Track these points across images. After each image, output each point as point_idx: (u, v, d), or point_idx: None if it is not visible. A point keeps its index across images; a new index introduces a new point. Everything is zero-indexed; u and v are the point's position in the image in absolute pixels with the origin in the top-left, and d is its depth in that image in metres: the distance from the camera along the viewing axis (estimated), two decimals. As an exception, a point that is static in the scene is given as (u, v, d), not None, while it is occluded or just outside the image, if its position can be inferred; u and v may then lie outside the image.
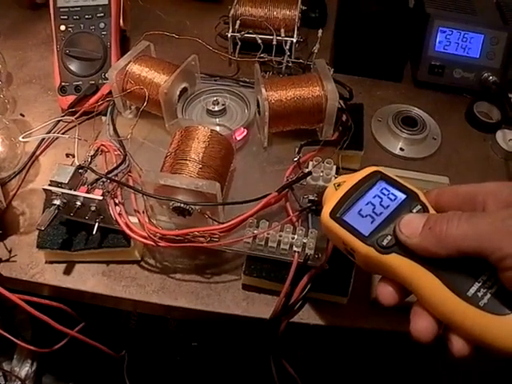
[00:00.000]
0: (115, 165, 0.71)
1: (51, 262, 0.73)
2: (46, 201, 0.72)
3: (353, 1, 0.93)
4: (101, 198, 0.65)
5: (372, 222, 0.49)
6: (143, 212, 0.67)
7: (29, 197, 0.80)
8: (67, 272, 0.73)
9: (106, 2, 0.88)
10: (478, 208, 0.46)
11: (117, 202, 0.68)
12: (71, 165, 0.68)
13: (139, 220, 0.67)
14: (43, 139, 0.82)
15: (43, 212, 0.72)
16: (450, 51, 0.92)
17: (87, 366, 1.12)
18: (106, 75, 0.85)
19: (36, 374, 1.10)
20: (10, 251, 0.74)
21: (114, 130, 0.74)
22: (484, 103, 0.93)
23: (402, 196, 0.50)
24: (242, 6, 0.92)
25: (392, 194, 0.50)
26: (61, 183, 0.66)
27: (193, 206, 0.62)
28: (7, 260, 0.74)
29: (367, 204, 0.50)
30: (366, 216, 0.49)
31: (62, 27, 0.88)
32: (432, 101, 0.94)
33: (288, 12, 0.90)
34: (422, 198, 0.50)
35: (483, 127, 0.91)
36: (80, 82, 0.86)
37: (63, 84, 0.87)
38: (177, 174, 0.64)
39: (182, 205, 0.62)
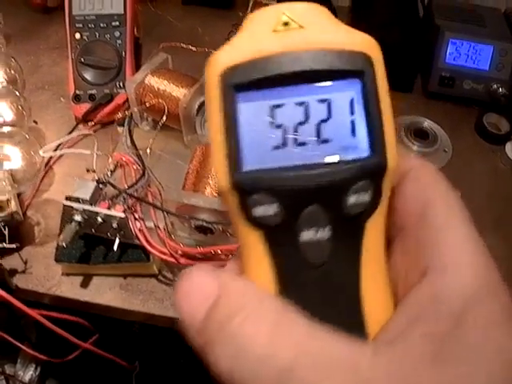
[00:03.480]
0: (134, 179, 0.71)
1: (68, 275, 0.74)
2: (64, 214, 0.73)
3: (364, 12, 0.94)
4: (123, 215, 0.65)
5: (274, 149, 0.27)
6: (164, 228, 0.67)
7: (43, 207, 0.80)
8: (84, 285, 0.73)
9: (122, 12, 0.88)
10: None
11: (136, 217, 0.68)
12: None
13: (159, 236, 0.67)
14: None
15: (61, 224, 0.73)
16: (459, 63, 0.93)
17: (92, 371, 1.12)
18: (121, 84, 0.86)
19: (40, 379, 1.10)
20: (25, 262, 0.75)
21: (132, 143, 0.75)
22: (493, 115, 0.94)
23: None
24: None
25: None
26: (82, 199, 0.66)
27: (215, 225, 0.63)
28: (23, 272, 0.74)
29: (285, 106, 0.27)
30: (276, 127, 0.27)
31: (77, 35, 0.87)
32: (442, 112, 0.95)
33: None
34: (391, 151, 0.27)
35: (492, 139, 0.92)
36: (94, 91, 0.87)
37: (77, 92, 0.87)
38: (199, 193, 0.64)
39: (205, 223, 0.63)
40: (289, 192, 0.26)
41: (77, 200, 0.67)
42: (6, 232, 0.71)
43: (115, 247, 0.67)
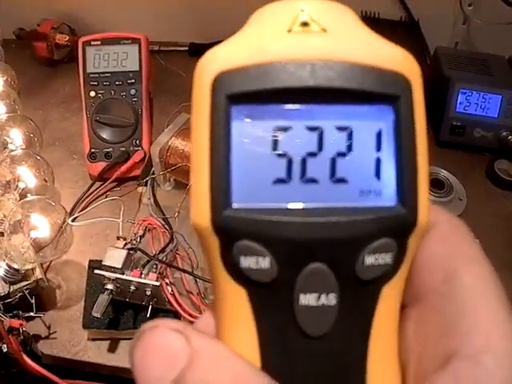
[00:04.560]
0: (162, 243, 0.71)
1: (94, 340, 0.72)
2: (90, 280, 0.72)
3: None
4: (158, 283, 0.64)
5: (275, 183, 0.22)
6: (197, 294, 0.67)
7: (63, 269, 0.79)
8: (111, 350, 0.72)
9: (137, 69, 0.87)
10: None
11: (167, 282, 0.67)
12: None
13: (192, 301, 0.67)
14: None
15: (87, 290, 0.72)
16: (470, 112, 0.95)
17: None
18: (138, 142, 0.85)
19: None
20: (48, 327, 0.73)
21: (158, 206, 0.74)
22: (504, 161, 0.95)
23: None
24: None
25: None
26: (114, 268, 0.65)
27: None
28: (47, 337, 0.73)
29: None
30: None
31: (92, 93, 0.87)
32: (454, 160, 0.96)
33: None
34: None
35: (505, 185, 0.93)
36: (110, 149, 0.86)
37: (93, 150, 0.86)
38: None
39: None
40: (287, 243, 0.21)
41: (108, 268, 0.65)
42: (33, 301, 0.69)
43: (148, 315, 0.66)
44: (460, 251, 0.23)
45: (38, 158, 0.74)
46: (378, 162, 0.21)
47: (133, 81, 0.87)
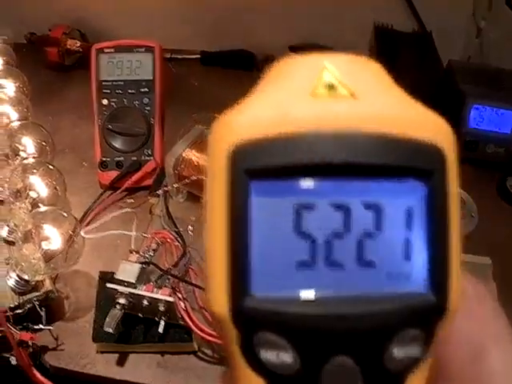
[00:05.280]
0: (174, 256, 0.70)
1: (102, 352, 0.71)
2: (100, 293, 0.71)
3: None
4: (172, 299, 0.64)
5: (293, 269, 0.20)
6: (210, 309, 0.66)
7: (71, 279, 0.78)
8: (120, 363, 0.71)
9: (151, 77, 0.87)
10: None
11: (180, 297, 0.67)
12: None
13: (205, 317, 0.66)
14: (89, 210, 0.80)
15: (97, 303, 0.71)
16: (482, 127, 0.94)
17: None
18: (150, 152, 0.85)
19: None
20: (56, 339, 0.72)
21: (170, 218, 0.73)
22: (515, 178, 0.95)
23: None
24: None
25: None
26: (127, 282, 0.65)
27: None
28: (54, 349, 0.72)
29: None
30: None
31: (105, 101, 0.86)
32: (466, 176, 0.95)
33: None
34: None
35: (515, 201, 0.93)
36: (122, 158, 0.85)
37: (104, 159, 0.85)
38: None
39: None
40: (311, 335, 0.19)
41: (121, 282, 0.65)
42: (43, 313, 0.68)
43: (160, 330, 0.65)
44: (487, 327, 0.22)
45: (51, 166, 0.73)
46: (408, 242, 0.20)
47: (146, 90, 0.86)
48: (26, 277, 0.68)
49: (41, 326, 0.68)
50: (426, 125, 0.20)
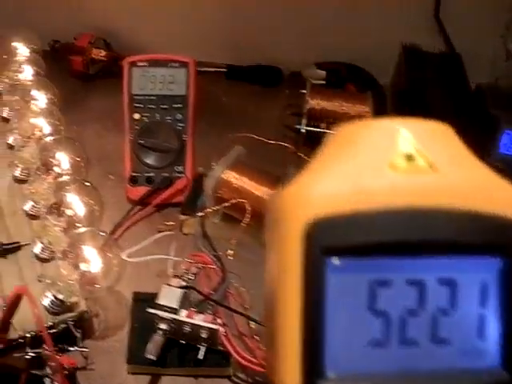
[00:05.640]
0: (212, 279, 0.69)
1: (133, 373, 0.70)
2: (134, 312, 0.70)
3: (417, 96, 0.94)
4: (216, 327, 0.63)
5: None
6: (251, 336, 0.65)
7: (101, 297, 0.77)
8: (153, 385, 0.70)
9: (184, 93, 0.85)
10: None
11: (220, 322, 0.66)
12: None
13: (245, 343, 0.65)
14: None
15: (132, 324, 0.70)
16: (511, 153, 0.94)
17: None
18: (182, 168, 0.83)
19: None
20: (86, 358, 0.71)
21: (208, 241, 0.72)
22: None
23: None
24: (314, 99, 0.91)
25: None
26: (169, 307, 0.64)
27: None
28: (84, 368, 0.70)
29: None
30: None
31: (136, 116, 0.85)
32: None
33: (360, 108, 0.90)
34: None
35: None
36: (152, 174, 0.84)
37: (134, 174, 0.84)
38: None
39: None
40: None
41: (163, 307, 0.64)
42: (79, 334, 0.67)
43: (201, 356, 0.64)
44: None
45: (87, 183, 0.72)
46: (482, 319, 0.19)
47: (179, 105, 0.85)
48: (61, 297, 0.66)
49: (76, 348, 0.67)
50: (504, 199, 0.20)
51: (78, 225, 0.69)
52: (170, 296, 0.64)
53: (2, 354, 0.63)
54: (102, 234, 0.67)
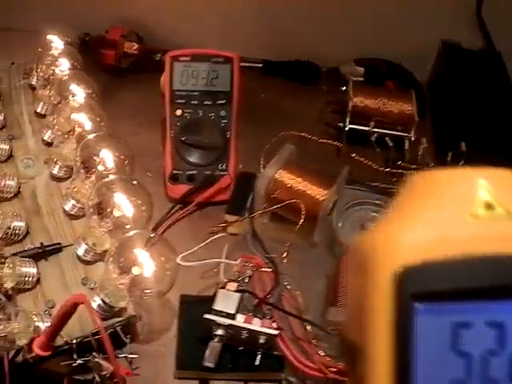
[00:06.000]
0: (266, 283, 0.67)
1: (180, 378, 0.68)
2: (182, 316, 0.68)
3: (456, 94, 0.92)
4: (277, 332, 0.60)
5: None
6: (308, 340, 0.63)
7: (144, 300, 0.74)
8: (200, 390, 0.67)
9: (228, 89, 0.83)
10: None
11: (276, 326, 0.64)
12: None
13: (302, 347, 0.63)
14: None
15: (179, 330, 0.68)
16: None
17: None
18: (225, 166, 0.81)
19: None
20: (130, 363, 0.68)
21: (260, 243, 0.70)
22: None
23: None
24: (357, 97, 0.89)
25: None
26: (226, 313, 0.61)
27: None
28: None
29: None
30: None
31: (178, 112, 0.82)
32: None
33: (404, 106, 0.88)
34: None
35: None
36: (194, 172, 0.81)
37: (175, 172, 0.82)
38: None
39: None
40: None
41: (220, 313, 0.61)
42: (128, 340, 0.65)
43: (257, 362, 0.62)
44: None
45: (134, 182, 0.69)
46: None
47: (223, 102, 0.83)
48: (109, 301, 0.64)
49: (126, 355, 0.65)
50: None
51: (126, 227, 0.66)
52: (227, 300, 0.62)
53: (48, 360, 0.61)
54: (152, 235, 0.64)
